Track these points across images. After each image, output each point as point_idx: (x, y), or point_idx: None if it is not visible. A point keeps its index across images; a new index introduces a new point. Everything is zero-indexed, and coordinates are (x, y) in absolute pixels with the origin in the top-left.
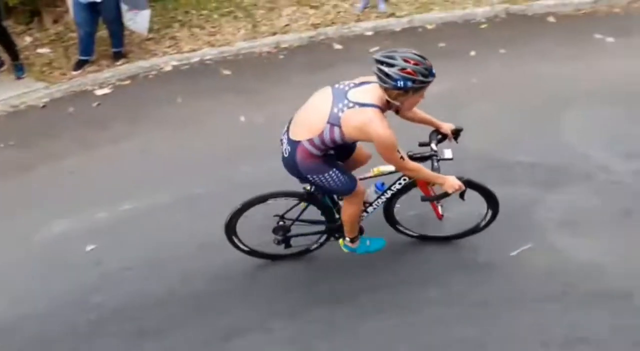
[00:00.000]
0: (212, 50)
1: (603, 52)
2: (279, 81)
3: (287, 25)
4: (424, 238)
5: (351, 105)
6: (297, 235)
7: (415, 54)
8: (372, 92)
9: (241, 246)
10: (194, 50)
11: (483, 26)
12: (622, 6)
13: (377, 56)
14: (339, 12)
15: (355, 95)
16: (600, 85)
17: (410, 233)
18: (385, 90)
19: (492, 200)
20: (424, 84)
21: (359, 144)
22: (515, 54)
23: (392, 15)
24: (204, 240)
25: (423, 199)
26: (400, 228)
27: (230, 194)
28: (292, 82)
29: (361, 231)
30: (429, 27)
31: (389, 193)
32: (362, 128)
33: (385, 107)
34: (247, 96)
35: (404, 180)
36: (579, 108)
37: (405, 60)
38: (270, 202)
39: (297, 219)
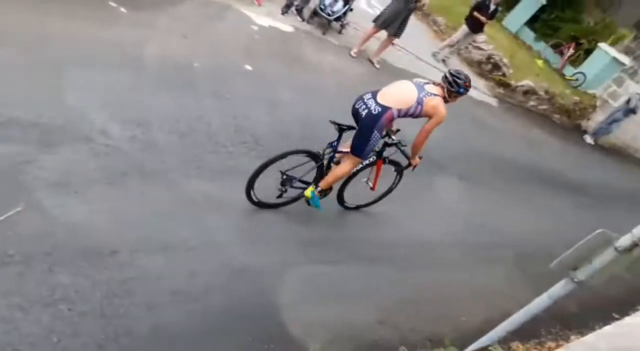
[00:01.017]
0: None
1: (116, 19)
2: None
3: None
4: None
5: (430, 94)
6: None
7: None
8: (438, 89)
9: (253, 198)
10: None
11: None
12: None
13: (452, 72)
14: None
15: (431, 89)
16: (107, 51)
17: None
18: (448, 90)
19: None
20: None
21: None
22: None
23: None
24: None
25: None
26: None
27: None
28: None
29: (329, 191)
30: None
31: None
32: (435, 107)
33: (444, 99)
34: None
35: (373, 158)
36: (84, 71)
37: (465, 77)
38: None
39: (299, 179)
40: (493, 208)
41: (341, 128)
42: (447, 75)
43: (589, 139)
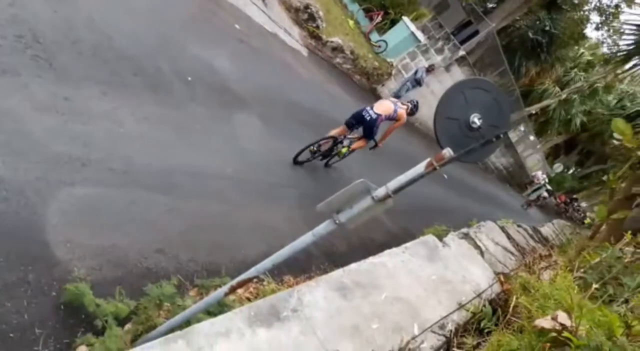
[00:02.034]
0: None
1: None
2: None
3: None
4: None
5: (400, 108)
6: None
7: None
8: (405, 106)
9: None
10: None
11: None
12: None
13: (414, 103)
14: None
15: (401, 105)
16: None
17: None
18: (410, 109)
19: None
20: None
21: None
22: None
23: None
24: None
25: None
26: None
27: None
28: None
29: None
30: None
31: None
32: (402, 115)
33: (407, 112)
34: None
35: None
36: None
37: (416, 106)
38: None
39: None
40: (286, 150)
41: (352, 125)
42: (411, 103)
43: None
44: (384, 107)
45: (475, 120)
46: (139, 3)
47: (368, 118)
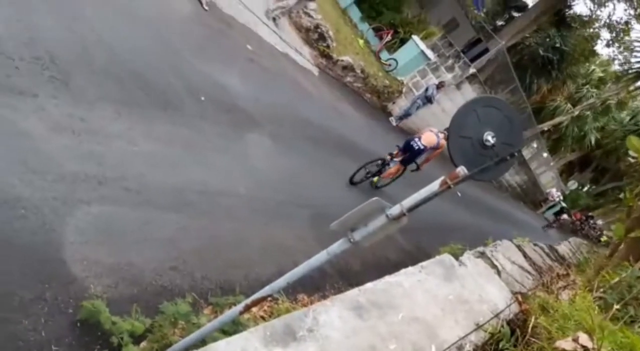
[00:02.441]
0: None
1: None
2: None
3: None
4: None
5: (441, 139)
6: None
7: None
8: (444, 135)
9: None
10: None
11: None
12: None
13: None
14: None
15: (442, 136)
16: None
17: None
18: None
19: None
20: None
21: None
22: None
23: None
24: None
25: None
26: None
27: None
28: None
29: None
30: None
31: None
32: (442, 145)
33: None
34: None
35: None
36: None
37: None
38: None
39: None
40: (297, 169)
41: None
42: (447, 131)
43: (393, 121)
44: (429, 139)
45: (489, 138)
46: (152, 24)
47: (416, 148)
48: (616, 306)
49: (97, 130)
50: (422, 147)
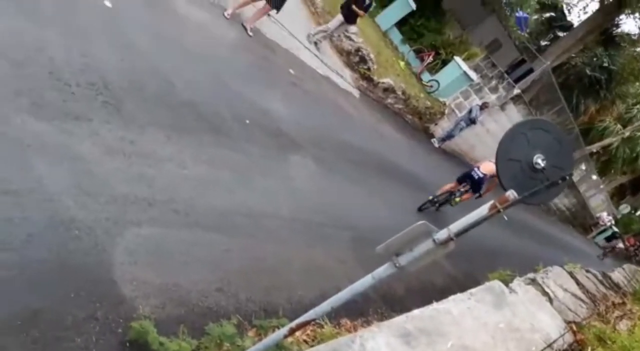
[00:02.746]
0: None
1: None
2: None
3: None
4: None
5: None
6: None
7: None
8: None
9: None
10: None
11: None
12: None
13: None
14: None
15: None
16: None
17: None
18: None
19: None
20: None
21: None
22: None
23: None
24: None
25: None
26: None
27: None
28: None
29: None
30: None
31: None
32: None
33: None
34: None
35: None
36: None
37: None
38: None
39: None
40: (340, 191)
41: (462, 181)
42: None
43: (436, 143)
44: (488, 168)
45: (539, 161)
46: (199, 51)
47: (476, 177)
48: None
49: (148, 154)
50: (481, 175)
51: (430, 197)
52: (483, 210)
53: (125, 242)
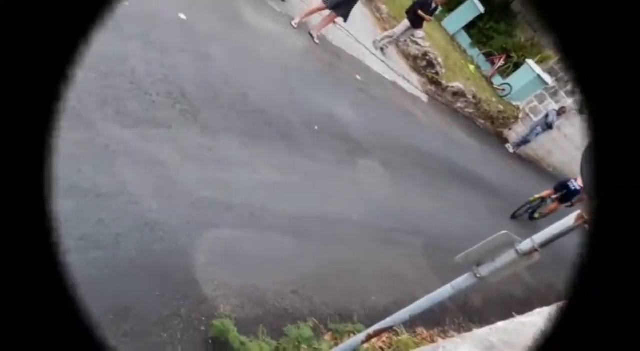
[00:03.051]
0: None
1: None
2: None
3: None
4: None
5: None
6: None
7: None
8: None
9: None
10: None
11: None
12: None
13: None
14: None
15: None
16: None
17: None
18: None
19: None
20: None
21: None
22: None
23: None
24: None
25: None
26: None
27: None
28: None
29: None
30: None
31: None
32: None
33: None
34: None
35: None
36: None
37: None
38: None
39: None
40: (410, 196)
41: (557, 190)
42: None
43: (510, 148)
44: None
45: None
46: (268, 60)
47: (573, 188)
48: None
49: (224, 159)
50: (577, 188)
51: (525, 204)
52: (569, 220)
53: (205, 244)
